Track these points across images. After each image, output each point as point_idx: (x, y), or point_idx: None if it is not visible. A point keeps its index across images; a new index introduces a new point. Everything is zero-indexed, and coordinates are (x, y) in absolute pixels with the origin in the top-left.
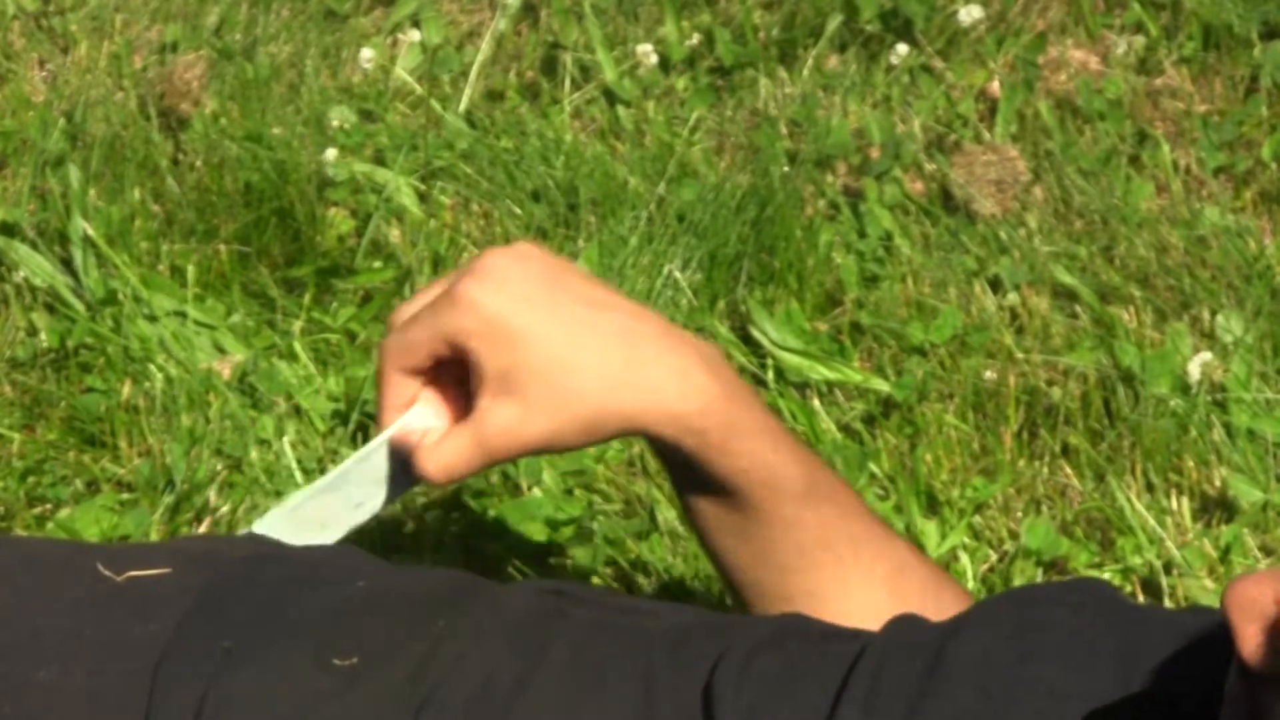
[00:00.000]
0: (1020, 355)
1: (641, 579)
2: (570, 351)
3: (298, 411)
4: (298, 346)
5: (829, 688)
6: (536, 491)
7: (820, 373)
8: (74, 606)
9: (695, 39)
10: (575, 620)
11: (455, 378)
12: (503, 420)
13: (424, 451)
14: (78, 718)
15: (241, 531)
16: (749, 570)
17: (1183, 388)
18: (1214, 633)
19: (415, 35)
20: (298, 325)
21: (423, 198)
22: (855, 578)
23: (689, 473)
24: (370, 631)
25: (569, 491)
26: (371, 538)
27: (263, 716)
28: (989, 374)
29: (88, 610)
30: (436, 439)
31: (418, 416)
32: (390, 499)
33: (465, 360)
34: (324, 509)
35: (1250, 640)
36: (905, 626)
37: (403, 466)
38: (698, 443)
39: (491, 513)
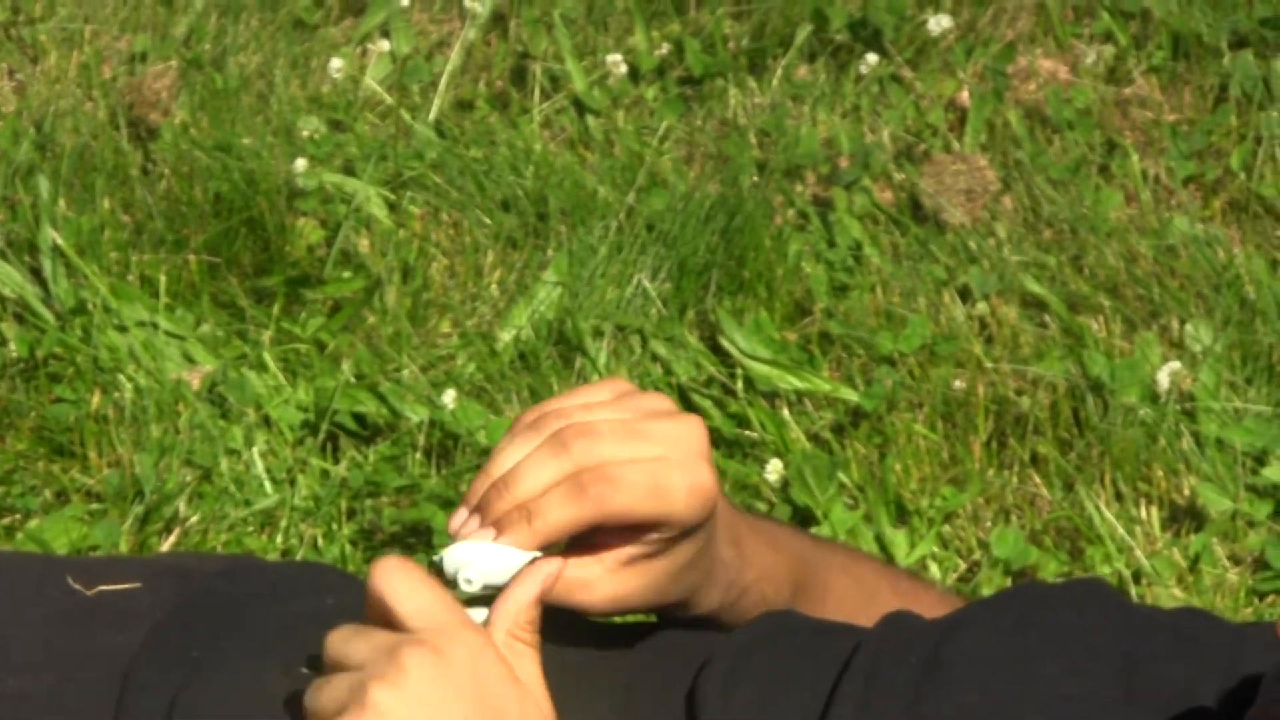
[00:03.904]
0: (989, 365)
1: None
2: None
3: (267, 422)
4: (267, 357)
5: (820, 688)
6: None
7: (789, 382)
8: (44, 619)
9: (665, 49)
10: (556, 633)
11: None
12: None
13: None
14: (52, 716)
15: (436, 557)
16: None
17: (1151, 397)
18: (1214, 639)
19: (385, 45)
20: (267, 335)
21: (392, 207)
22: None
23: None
24: None
25: None
26: (345, 554)
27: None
28: (958, 383)
29: (58, 623)
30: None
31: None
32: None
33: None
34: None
35: None
36: (900, 623)
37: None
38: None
39: None
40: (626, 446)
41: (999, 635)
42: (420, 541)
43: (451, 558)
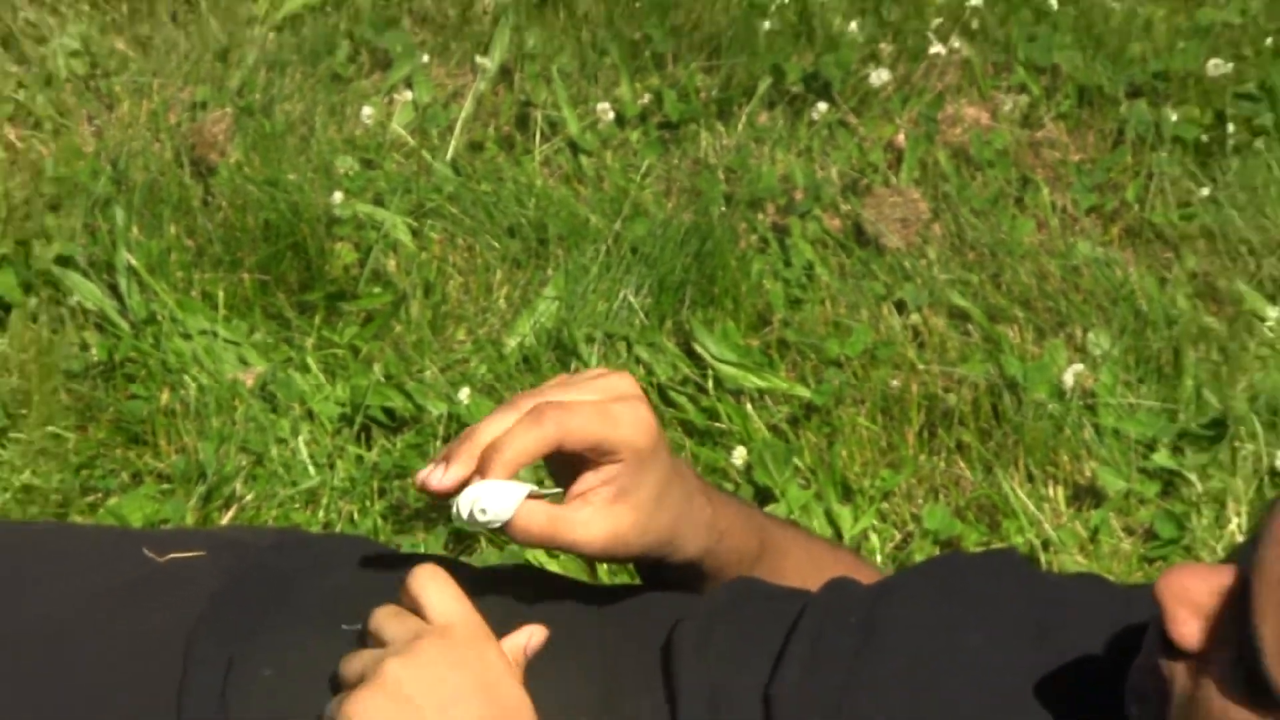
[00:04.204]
0: (921, 366)
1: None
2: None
3: (310, 415)
4: (310, 360)
5: (773, 647)
6: None
7: (752, 382)
8: (124, 585)
9: (646, 98)
10: (548, 596)
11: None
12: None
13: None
14: (126, 682)
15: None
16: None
17: (1058, 394)
18: (1111, 605)
19: (408, 95)
20: (310, 342)
21: (415, 233)
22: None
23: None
24: (375, 604)
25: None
26: (377, 526)
27: (281, 676)
28: (894, 382)
29: (136, 588)
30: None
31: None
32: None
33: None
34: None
35: (1181, 623)
36: (840, 589)
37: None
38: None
39: None
40: (571, 393)
41: (929, 602)
42: (440, 516)
43: (465, 499)
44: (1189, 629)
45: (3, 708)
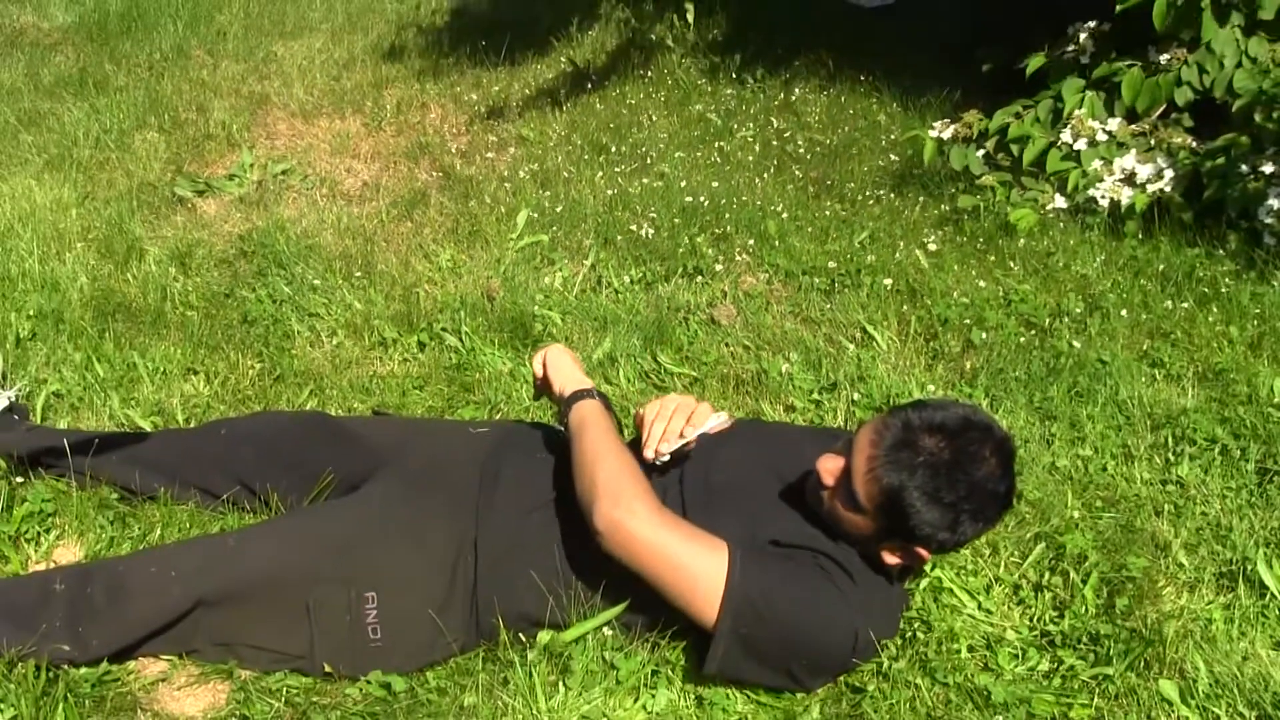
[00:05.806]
0: (735, 366)
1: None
2: None
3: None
4: (527, 361)
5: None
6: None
7: (679, 372)
8: (463, 440)
9: (642, 275)
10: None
11: None
12: None
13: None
14: (459, 476)
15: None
16: None
17: (779, 375)
18: (813, 446)
19: (560, 274)
20: (527, 355)
21: (561, 319)
22: None
23: None
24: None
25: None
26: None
27: (514, 477)
28: (725, 371)
29: (467, 443)
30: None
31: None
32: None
33: None
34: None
35: (825, 480)
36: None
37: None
38: None
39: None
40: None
41: (739, 435)
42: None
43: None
44: (829, 480)
45: (415, 490)
